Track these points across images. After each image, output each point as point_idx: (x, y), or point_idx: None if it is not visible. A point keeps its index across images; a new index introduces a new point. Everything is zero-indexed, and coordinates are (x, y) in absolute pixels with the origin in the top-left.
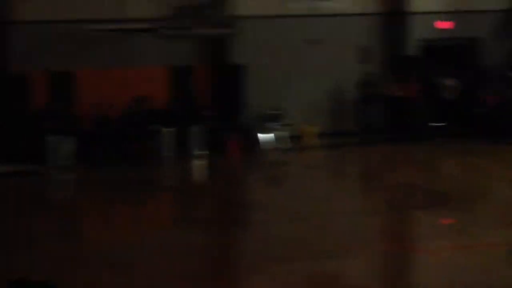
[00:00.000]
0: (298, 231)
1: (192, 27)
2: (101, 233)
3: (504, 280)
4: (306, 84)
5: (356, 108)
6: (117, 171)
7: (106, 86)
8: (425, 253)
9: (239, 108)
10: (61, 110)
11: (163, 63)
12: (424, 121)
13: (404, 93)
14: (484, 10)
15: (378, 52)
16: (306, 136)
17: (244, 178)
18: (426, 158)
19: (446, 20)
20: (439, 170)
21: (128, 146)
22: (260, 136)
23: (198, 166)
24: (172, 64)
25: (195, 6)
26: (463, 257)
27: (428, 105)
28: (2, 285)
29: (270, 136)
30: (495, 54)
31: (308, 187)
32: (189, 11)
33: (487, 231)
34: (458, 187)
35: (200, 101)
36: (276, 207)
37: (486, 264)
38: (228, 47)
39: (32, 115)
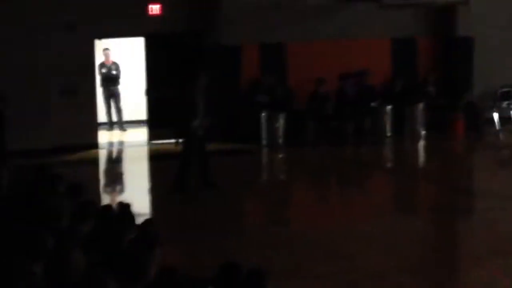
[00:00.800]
0: None
1: None
2: (315, 218)
3: None
4: None
5: None
6: (331, 151)
7: (319, 59)
8: None
9: (466, 85)
10: (273, 85)
11: (383, 34)
12: None
13: None
14: None
15: None
16: None
17: (469, 162)
18: None
19: None
20: None
21: (343, 124)
22: (489, 115)
23: (420, 147)
24: (393, 35)
25: None
26: None
27: None
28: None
29: (500, 115)
30: None
31: None
32: None
33: None
34: None
35: (423, 77)
36: (506, 195)
37: None
38: (455, 17)
39: (244, 90)
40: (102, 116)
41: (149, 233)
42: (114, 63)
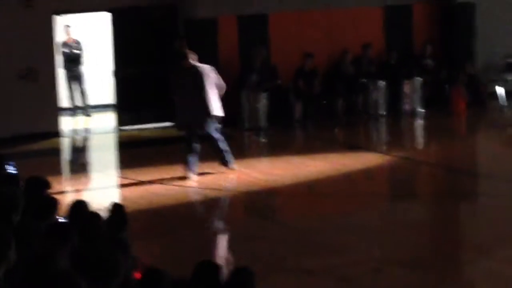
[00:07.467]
0: None
1: None
2: (302, 209)
3: None
4: None
5: None
6: (320, 133)
7: (304, 31)
8: None
9: (467, 56)
10: (254, 61)
11: (374, 2)
12: None
13: None
14: None
15: None
16: None
17: (472, 141)
18: None
19: None
20: None
21: (332, 102)
22: (493, 89)
23: (417, 125)
24: (385, 3)
25: None
26: None
27: None
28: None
29: (503, 89)
30: None
31: None
32: None
33: None
34: None
35: (420, 48)
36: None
37: None
38: None
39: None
40: (64, 101)
41: (119, 221)
42: (76, 41)
